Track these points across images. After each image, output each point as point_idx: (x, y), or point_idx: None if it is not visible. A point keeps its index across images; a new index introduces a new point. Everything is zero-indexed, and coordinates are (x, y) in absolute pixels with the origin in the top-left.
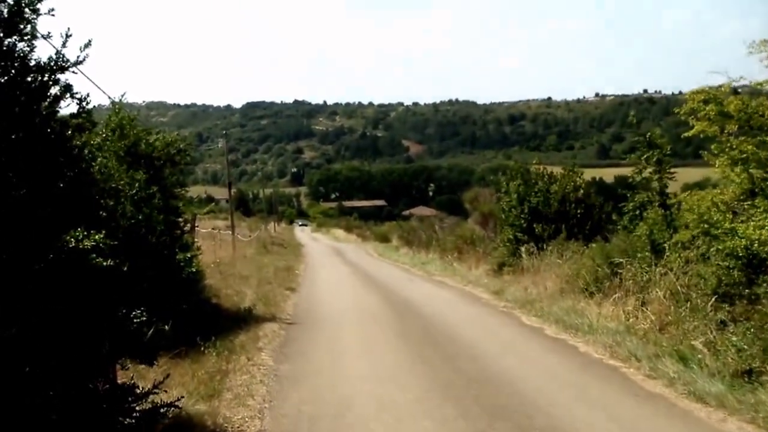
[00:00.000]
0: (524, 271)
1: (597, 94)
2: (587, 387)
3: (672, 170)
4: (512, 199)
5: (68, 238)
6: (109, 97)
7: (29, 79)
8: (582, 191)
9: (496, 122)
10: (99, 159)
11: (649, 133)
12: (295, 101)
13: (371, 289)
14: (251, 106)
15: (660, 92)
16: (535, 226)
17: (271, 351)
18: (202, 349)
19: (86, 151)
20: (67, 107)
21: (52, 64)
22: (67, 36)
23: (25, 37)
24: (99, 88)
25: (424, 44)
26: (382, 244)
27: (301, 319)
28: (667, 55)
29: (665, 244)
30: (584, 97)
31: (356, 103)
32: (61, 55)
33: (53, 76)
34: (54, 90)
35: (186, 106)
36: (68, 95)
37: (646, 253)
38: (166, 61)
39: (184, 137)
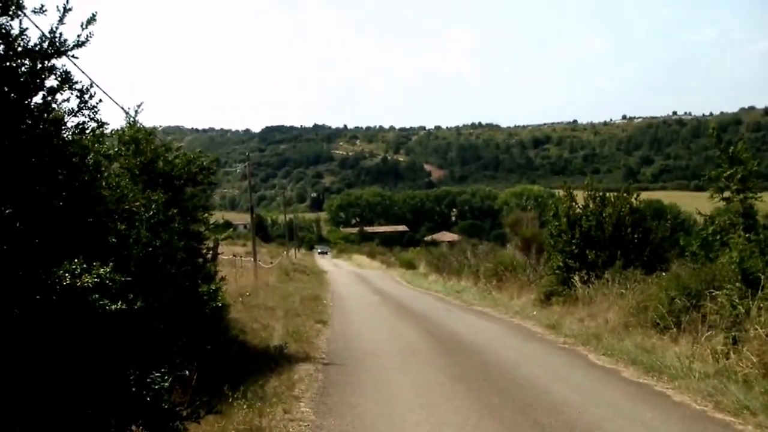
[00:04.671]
0: (577, 301)
1: (624, 117)
2: None
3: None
4: (562, 223)
5: (61, 272)
6: (122, 108)
7: (15, 64)
8: (638, 214)
9: (520, 146)
10: (108, 172)
11: (732, 148)
12: (315, 125)
13: (409, 321)
14: (270, 131)
15: (690, 114)
16: (587, 252)
17: (311, 400)
18: (230, 399)
19: (90, 160)
20: (64, 103)
21: (45, 45)
22: (66, 10)
23: (10, 9)
24: (111, 98)
25: (446, 67)
26: (408, 271)
27: (339, 358)
28: (696, 76)
29: (759, 274)
30: (611, 120)
31: (377, 127)
32: (57, 35)
33: (47, 62)
34: (48, 81)
35: (203, 130)
36: (66, 87)
37: (737, 284)
38: (183, 85)
39: (207, 154)
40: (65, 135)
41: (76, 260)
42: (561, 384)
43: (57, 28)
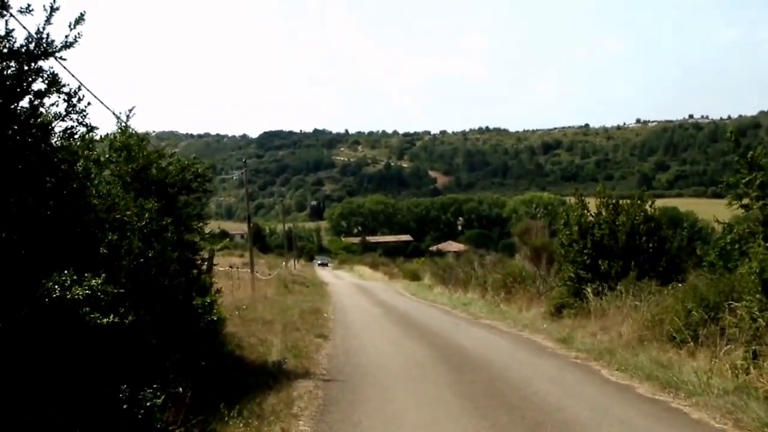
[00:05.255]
0: (589, 314)
1: (638, 120)
2: None
3: None
4: (573, 232)
5: (50, 284)
6: (113, 112)
7: (0, 67)
8: (653, 222)
9: (530, 151)
10: (98, 180)
11: (751, 152)
12: (315, 130)
13: (413, 335)
14: (268, 136)
15: (707, 117)
16: (600, 262)
17: (310, 418)
18: (226, 418)
19: (79, 167)
20: (52, 107)
21: (32, 47)
22: (53, 10)
23: None
24: (101, 101)
25: (452, 69)
26: (413, 283)
27: (340, 375)
28: (714, 78)
29: None
30: (624, 124)
31: (380, 131)
32: (45, 36)
33: (33, 64)
34: (35, 84)
35: (199, 136)
36: (54, 90)
37: (757, 296)
38: (177, 89)
39: (202, 161)
40: (53, 141)
41: (65, 272)
42: (573, 401)
43: (44, 28)
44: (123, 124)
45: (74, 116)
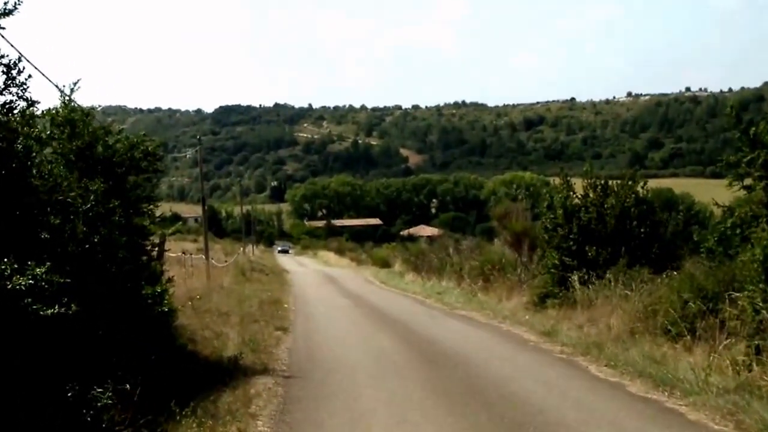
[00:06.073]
0: (575, 304)
1: (629, 94)
2: None
3: None
4: (557, 215)
5: None
6: (56, 86)
7: None
8: (646, 205)
9: (510, 128)
10: (39, 159)
11: (753, 128)
12: (276, 105)
13: (383, 327)
14: (225, 111)
15: (705, 90)
16: (587, 248)
17: (269, 418)
18: (178, 417)
19: (19, 145)
20: None
21: None
22: None
23: None
24: (42, 73)
25: (425, 39)
26: (383, 270)
27: (302, 371)
28: (713, 47)
29: None
30: (614, 98)
31: (346, 106)
32: None
33: None
34: None
35: (149, 111)
36: None
37: (760, 285)
38: (126, 60)
39: (152, 138)
40: None
41: (5, 260)
42: (557, 400)
43: None
44: (66, 98)
45: (14, 90)
